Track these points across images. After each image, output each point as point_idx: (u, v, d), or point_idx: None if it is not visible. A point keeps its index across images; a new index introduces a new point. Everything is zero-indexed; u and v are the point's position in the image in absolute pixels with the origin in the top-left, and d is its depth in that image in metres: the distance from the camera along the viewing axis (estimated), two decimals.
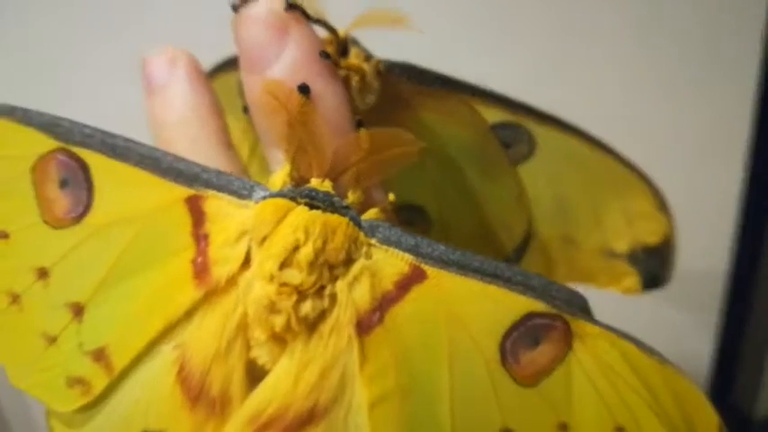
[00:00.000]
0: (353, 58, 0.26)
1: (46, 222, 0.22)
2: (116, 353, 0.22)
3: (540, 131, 0.30)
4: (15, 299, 0.23)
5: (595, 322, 0.22)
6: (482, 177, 0.31)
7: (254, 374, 0.22)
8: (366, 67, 0.26)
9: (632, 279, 0.33)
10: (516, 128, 0.30)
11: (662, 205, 0.31)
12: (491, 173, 0.30)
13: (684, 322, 0.90)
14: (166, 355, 0.22)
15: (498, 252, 0.32)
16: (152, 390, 0.22)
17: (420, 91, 0.28)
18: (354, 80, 0.25)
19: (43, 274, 0.22)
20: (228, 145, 0.27)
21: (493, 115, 0.29)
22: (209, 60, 0.29)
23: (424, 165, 0.30)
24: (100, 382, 0.22)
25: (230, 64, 0.33)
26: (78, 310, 0.22)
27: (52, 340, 0.22)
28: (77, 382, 0.22)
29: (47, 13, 0.61)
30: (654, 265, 0.32)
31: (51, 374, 0.22)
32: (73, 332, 0.22)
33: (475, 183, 0.31)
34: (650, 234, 0.32)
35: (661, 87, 0.74)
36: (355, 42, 0.26)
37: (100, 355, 0.22)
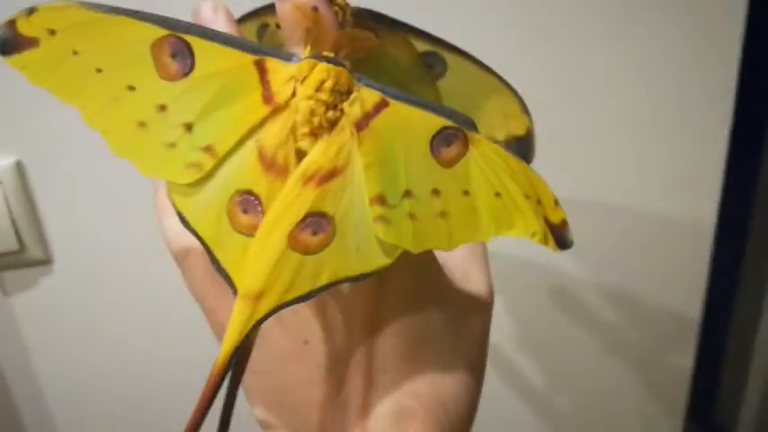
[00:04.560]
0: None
1: (162, 78, 0.36)
2: (218, 145, 0.36)
3: (449, 57, 0.48)
4: (143, 124, 0.36)
5: (480, 134, 0.39)
6: (417, 88, 0.48)
7: (300, 156, 0.37)
8: (346, 8, 0.43)
9: None
10: (434, 54, 0.48)
11: (525, 109, 0.50)
12: (421, 86, 0.48)
13: (664, 339, 0.97)
14: (251, 144, 0.37)
15: None
16: (242, 164, 0.36)
17: (377, 28, 0.45)
18: (339, 15, 0.43)
19: (162, 108, 0.36)
20: None
21: (420, 45, 0.47)
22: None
23: (379, 77, 0.47)
24: (208, 163, 0.36)
25: (248, 16, 0.49)
26: (189, 127, 0.37)
27: (172, 145, 0.37)
28: (192, 165, 0.36)
29: None
30: (518, 151, 0.50)
31: (173, 163, 0.36)
32: (187, 139, 0.37)
33: (413, 91, 0.48)
34: (518, 128, 0.50)
35: (643, 119, 0.82)
36: None
37: (207, 149, 0.36)
